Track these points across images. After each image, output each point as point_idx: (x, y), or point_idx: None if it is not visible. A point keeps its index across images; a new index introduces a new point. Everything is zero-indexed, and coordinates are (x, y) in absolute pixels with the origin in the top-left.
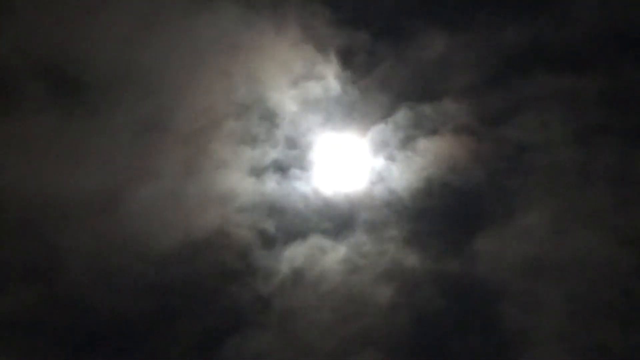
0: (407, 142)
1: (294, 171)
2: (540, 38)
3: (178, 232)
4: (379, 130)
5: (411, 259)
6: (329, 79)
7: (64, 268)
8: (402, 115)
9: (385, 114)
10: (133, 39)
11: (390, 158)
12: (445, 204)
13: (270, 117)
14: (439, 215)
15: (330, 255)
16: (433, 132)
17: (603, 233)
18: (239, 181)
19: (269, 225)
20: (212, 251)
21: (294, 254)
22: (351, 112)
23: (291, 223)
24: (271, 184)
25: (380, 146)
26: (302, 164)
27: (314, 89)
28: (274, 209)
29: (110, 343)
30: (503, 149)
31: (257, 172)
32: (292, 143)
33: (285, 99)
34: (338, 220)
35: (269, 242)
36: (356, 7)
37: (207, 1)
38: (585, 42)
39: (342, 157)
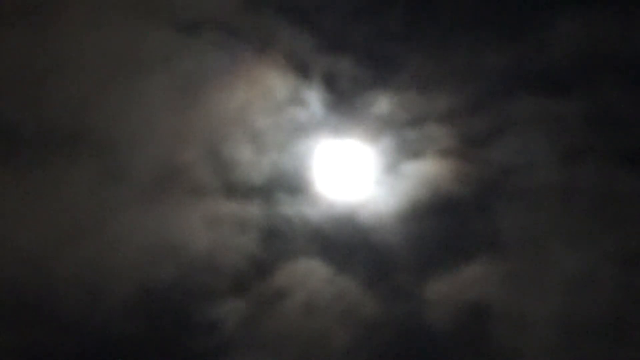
0: (392, 166)
1: (279, 196)
2: (521, 62)
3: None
4: (363, 154)
5: (400, 277)
6: (313, 104)
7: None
8: (386, 139)
9: (370, 139)
10: (92, 94)
11: (376, 182)
12: (431, 227)
13: (253, 142)
14: (425, 238)
15: (316, 277)
16: (417, 155)
17: (588, 252)
18: (223, 202)
19: (257, 251)
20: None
21: (282, 275)
22: (335, 137)
23: (276, 247)
24: (256, 209)
25: (365, 170)
26: (286, 188)
27: (298, 114)
28: (261, 233)
29: None
30: (487, 170)
31: (241, 194)
32: (276, 168)
33: (269, 124)
34: (323, 244)
35: (256, 264)
36: (338, 33)
37: (184, 31)
38: (566, 65)
39: (326, 182)
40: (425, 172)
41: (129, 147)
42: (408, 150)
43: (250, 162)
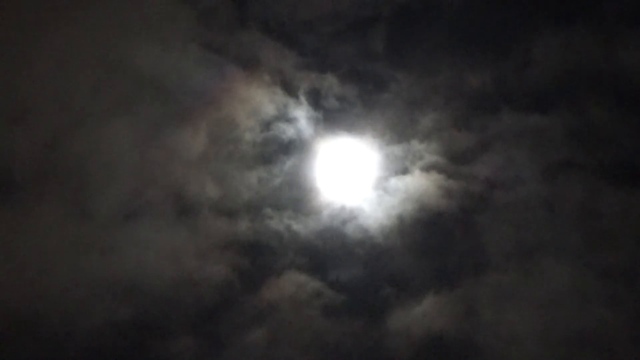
0: (378, 182)
1: (267, 210)
2: (504, 79)
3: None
4: (350, 170)
5: (385, 293)
6: (300, 121)
7: None
8: (373, 156)
9: (357, 155)
10: (61, 133)
11: (363, 198)
12: (417, 242)
13: (240, 159)
14: (411, 254)
15: (305, 291)
16: (403, 171)
17: (573, 266)
18: (211, 220)
19: (245, 263)
20: None
21: (270, 289)
22: (322, 153)
23: (265, 260)
24: (244, 224)
25: (352, 186)
26: (275, 203)
27: (285, 130)
28: (248, 248)
29: None
30: (472, 186)
31: (231, 212)
32: (265, 183)
33: (257, 141)
34: (312, 258)
35: (246, 279)
36: (323, 52)
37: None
38: (547, 82)
39: (314, 197)
40: (411, 187)
41: (96, 184)
42: (394, 167)
43: (239, 178)
